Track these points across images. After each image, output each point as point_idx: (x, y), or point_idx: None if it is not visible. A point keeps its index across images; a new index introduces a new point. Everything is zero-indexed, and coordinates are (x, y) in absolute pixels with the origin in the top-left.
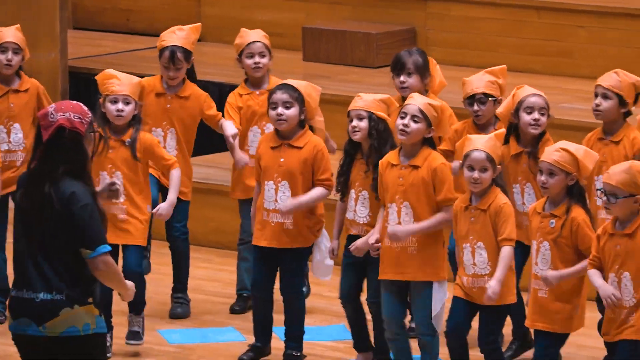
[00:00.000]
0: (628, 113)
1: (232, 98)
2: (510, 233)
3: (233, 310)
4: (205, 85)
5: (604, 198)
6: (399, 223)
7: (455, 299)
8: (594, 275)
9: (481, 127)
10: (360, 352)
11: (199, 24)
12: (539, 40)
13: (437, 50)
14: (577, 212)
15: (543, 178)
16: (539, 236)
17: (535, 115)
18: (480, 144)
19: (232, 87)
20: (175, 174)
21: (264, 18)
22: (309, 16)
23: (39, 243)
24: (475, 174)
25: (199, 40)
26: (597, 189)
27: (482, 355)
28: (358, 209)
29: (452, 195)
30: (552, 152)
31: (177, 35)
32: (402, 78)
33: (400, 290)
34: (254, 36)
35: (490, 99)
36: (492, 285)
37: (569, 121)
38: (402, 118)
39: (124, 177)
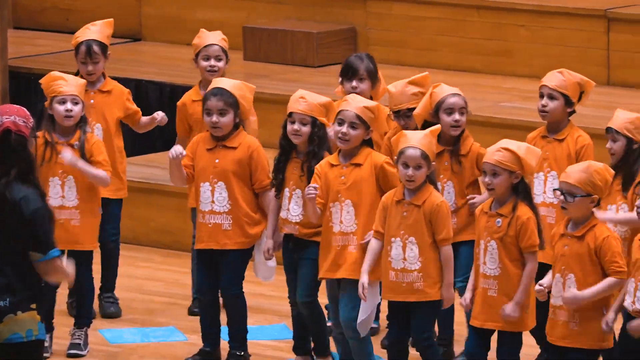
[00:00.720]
0: (572, 112)
1: (182, 106)
2: (448, 233)
3: (192, 312)
4: (145, 85)
5: (561, 197)
6: (341, 222)
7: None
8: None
9: None
10: (299, 354)
11: (112, 19)
12: (480, 39)
13: (378, 50)
14: (523, 211)
15: (487, 179)
16: (486, 235)
17: (456, 116)
18: (415, 141)
19: (173, 87)
20: (101, 173)
21: (205, 17)
22: (250, 15)
23: None
24: (410, 172)
25: (138, 40)
26: (553, 189)
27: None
28: (291, 207)
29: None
30: (493, 152)
31: (90, 30)
32: (354, 83)
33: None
34: (212, 39)
35: (415, 112)
36: (466, 298)
37: (509, 120)
38: (340, 125)
39: (76, 181)
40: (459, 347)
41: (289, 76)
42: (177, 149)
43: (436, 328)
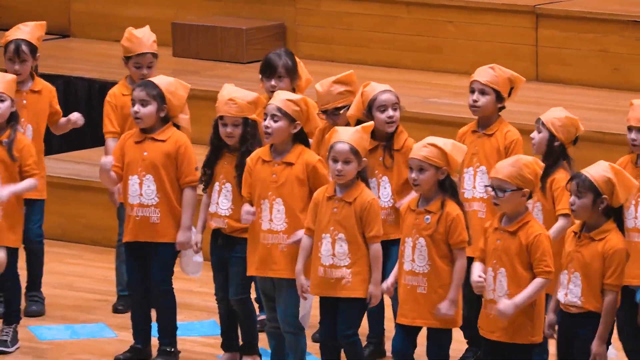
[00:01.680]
0: (502, 107)
1: (111, 98)
2: (378, 230)
3: (116, 310)
4: (74, 82)
5: (492, 193)
6: (271, 220)
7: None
8: (474, 267)
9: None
10: (227, 351)
11: (44, 22)
12: (409, 35)
13: (307, 46)
14: (452, 207)
15: (413, 175)
16: (414, 233)
17: (389, 112)
18: (345, 136)
19: (102, 84)
20: (30, 183)
21: (134, 14)
22: (179, 12)
23: None
24: (339, 166)
25: (67, 36)
26: (485, 185)
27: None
28: (220, 201)
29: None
30: (420, 148)
31: (21, 30)
32: (272, 82)
33: (271, 288)
34: (144, 47)
35: (342, 111)
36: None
37: (438, 116)
38: (265, 119)
39: (1, 179)
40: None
41: (218, 72)
42: (106, 162)
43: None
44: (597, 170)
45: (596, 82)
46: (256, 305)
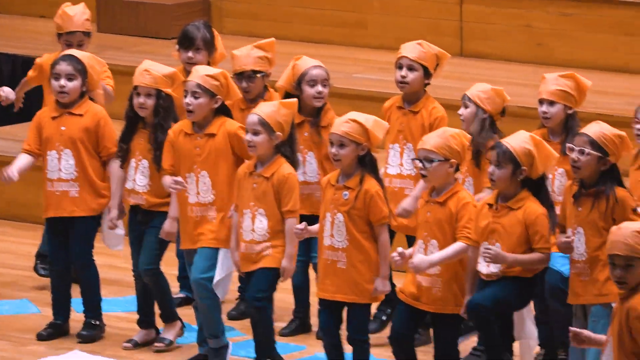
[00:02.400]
0: (427, 83)
1: (39, 67)
2: (294, 205)
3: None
4: None
5: (420, 164)
6: (198, 193)
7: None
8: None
9: (251, 102)
10: (143, 328)
11: None
12: (333, 10)
13: (231, 22)
14: (370, 184)
15: (334, 150)
16: (332, 208)
17: (319, 87)
18: (258, 109)
19: (26, 59)
20: None
21: None
22: None
23: None
24: (248, 137)
25: None
26: (412, 159)
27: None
28: (137, 178)
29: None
30: (341, 123)
31: None
32: (190, 54)
33: (190, 254)
34: (74, 25)
35: (258, 75)
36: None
37: (363, 91)
38: (185, 97)
39: None
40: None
41: (142, 48)
42: (9, 174)
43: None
44: (517, 141)
45: (520, 57)
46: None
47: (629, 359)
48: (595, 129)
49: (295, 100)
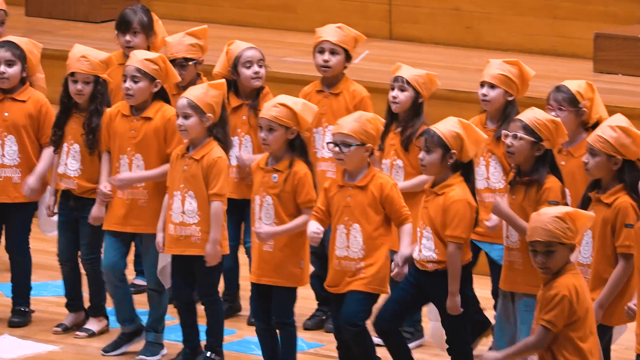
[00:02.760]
0: (345, 66)
1: None
2: (221, 189)
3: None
4: None
5: (336, 149)
6: None
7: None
8: (310, 224)
9: (184, 89)
10: (72, 311)
11: None
12: None
13: (159, 5)
14: (300, 167)
15: (263, 134)
16: (261, 191)
17: (255, 68)
18: (187, 92)
19: None
20: None
21: None
22: None
23: None
24: (179, 121)
25: None
26: (327, 142)
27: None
28: (69, 162)
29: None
30: (270, 107)
31: None
32: (127, 37)
33: (125, 243)
34: None
35: (191, 62)
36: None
37: (291, 75)
38: (124, 81)
39: None
40: (245, 302)
41: (72, 32)
42: None
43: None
44: (446, 126)
45: (448, 41)
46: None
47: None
48: (529, 115)
49: (223, 81)
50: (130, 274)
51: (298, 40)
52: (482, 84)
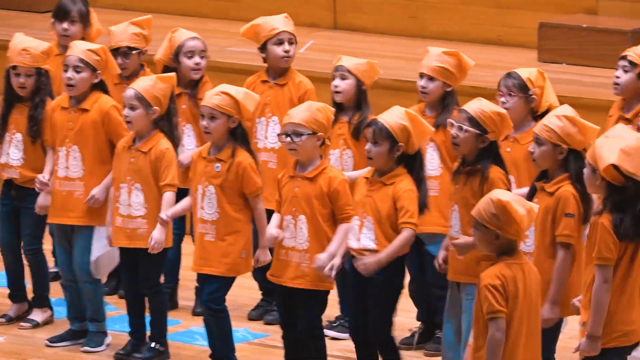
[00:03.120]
0: None
1: None
2: (172, 179)
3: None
4: None
5: (287, 139)
6: (67, 167)
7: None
8: (273, 218)
9: (127, 78)
10: (15, 302)
11: None
12: None
13: None
14: (243, 156)
15: (205, 123)
16: (204, 180)
17: (196, 59)
18: (136, 83)
19: None
20: None
21: None
22: None
23: None
24: (125, 112)
25: None
26: (278, 134)
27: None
28: (11, 152)
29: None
30: (212, 95)
31: None
32: (65, 25)
33: (67, 235)
34: None
35: (134, 52)
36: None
37: (236, 64)
38: (65, 72)
39: None
40: (184, 292)
41: (15, 22)
42: None
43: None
44: (393, 118)
45: (393, 30)
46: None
47: (484, 331)
48: (475, 106)
49: (173, 74)
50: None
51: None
52: (421, 75)
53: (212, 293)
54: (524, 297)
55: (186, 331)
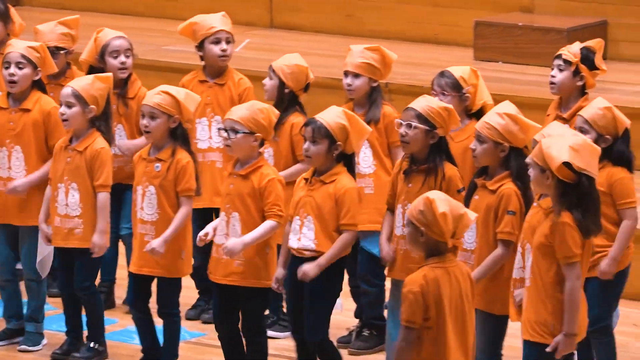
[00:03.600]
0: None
1: None
2: (106, 179)
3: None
4: None
5: (224, 134)
6: (10, 168)
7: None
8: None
9: (54, 78)
10: None
11: None
12: None
13: None
14: (182, 155)
15: (145, 121)
16: (144, 181)
17: (122, 58)
18: (74, 81)
19: None
20: None
21: None
22: None
23: None
24: (61, 109)
25: None
26: (218, 128)
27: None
28: None
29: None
30: (153, 95)
31: None
32: None
33: (11, 235)
34: None
35: (61, 51)
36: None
37: (172, 63)
38: (7, 68)
39: None
40: (121, 291)
41: None
42: None
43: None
44: (332, 117)
45: (330, 29)
46: None
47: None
48: (422, 103)
49: (110, 74)
50: None
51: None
52: (346, 73)
53: (164, 297)
54: (450, 299)
55: (123, 330)
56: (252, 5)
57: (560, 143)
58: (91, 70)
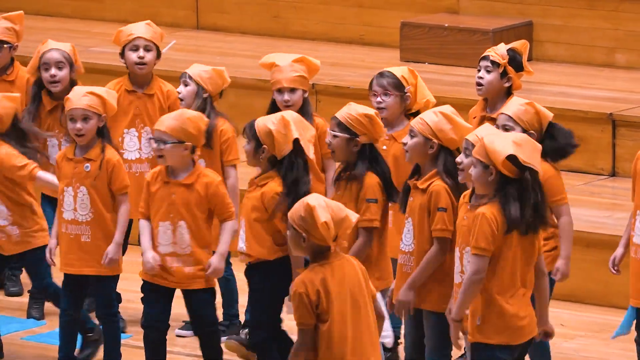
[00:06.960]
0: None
1: None
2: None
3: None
4: None
5: (155, 145)
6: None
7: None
8: (144, 227)
9: None
10: None
11: None
12: None
13: None
14: (112, 153)
15: (79, 125)
16: (75, 182)
17: (52, 71)
18: None
19: None
20: None
21: None
22: None
23: None
24: None
25: None
26: (150, 138)
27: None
28: None
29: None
30: (80, 97)
31: None
32: None
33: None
34: None
35: (5, 45)
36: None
37: (98, 65)
38: None
39: None
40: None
41: None
42: None
43: None
44: (264, 120)
45: (256, 30)
46: None
47: None
48: (343, 112)
49: (18, 95)
50: None
51: (105, 30)
52: (280, 90)
53: (102, 298)
54: (338, 294)
55: (52, 332)
56: (178, 7)
57: (503, 138)
58: (35, 84)
